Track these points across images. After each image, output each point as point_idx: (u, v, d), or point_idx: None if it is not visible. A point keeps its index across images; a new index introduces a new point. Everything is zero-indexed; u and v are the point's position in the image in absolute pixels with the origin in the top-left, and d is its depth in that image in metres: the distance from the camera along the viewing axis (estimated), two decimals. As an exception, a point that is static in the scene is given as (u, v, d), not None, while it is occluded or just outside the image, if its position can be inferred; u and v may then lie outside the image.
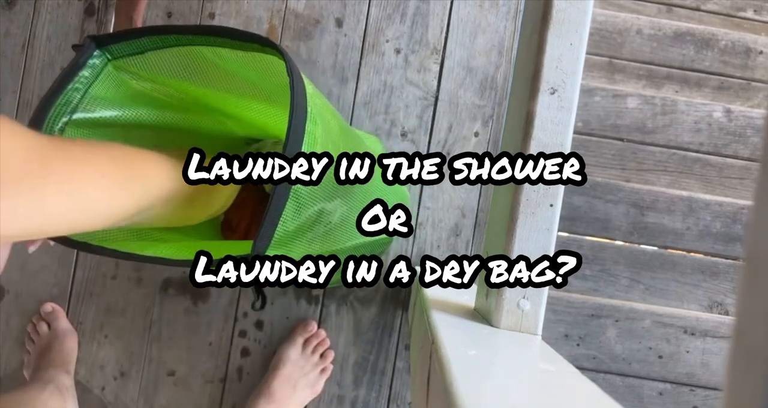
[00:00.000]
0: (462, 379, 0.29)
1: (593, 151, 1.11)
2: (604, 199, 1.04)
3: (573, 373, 0.35)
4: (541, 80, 0.43)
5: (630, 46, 1.23)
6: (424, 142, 0.88)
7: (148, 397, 0.86)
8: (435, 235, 0.88)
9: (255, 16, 0.88)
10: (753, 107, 1.21)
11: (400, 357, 0.88)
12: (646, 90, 1.22)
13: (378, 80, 0.88)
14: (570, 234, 1.04)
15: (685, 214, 1.05)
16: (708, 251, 1.05)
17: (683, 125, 1.12)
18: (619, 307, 0.99)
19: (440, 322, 0.44)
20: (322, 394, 0.86)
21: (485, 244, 0.52)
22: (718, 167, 1.12)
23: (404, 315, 0.88)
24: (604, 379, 0.97)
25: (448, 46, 0.89)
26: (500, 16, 0.89)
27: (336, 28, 0.88)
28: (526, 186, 0.43)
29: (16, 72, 0.86)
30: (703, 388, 0.98)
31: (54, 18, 0.87)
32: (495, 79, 0.89)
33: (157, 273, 0.87)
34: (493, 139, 0.89)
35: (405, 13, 0.89)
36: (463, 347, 0.36)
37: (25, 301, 0.86)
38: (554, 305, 0.98)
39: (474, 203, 0.88)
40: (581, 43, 0.43)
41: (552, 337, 0.98)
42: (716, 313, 1.03)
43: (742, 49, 1.24)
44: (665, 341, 0.98)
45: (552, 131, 0.43)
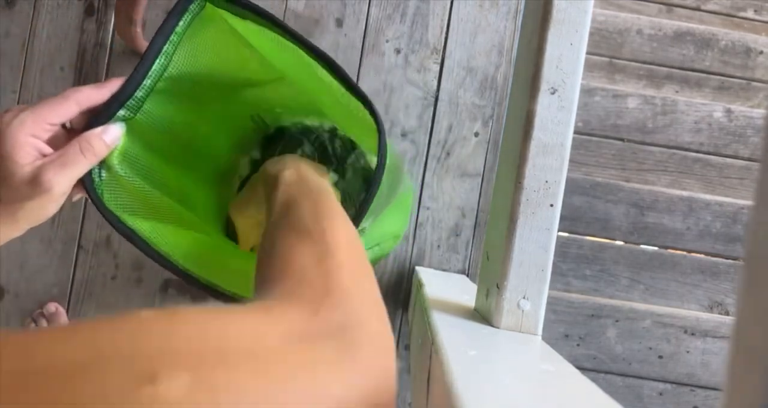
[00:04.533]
0: (462, 379, 0.29)
1: (593, 151, 1.11)
2: (604, 199, 1.04)
3: (573, 373, 0.35)
4: (541, 80, 0.43)
5: (630, 46, 1.23)
6: (424, 142, 0.88)
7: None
8: (435, 235, 0.88)
9: (255, 16, 0.88)
10: (753, 107, 1.21)
11: (400, 357, 0.88)
12: (646, 90, 1.22)
13: (378, 80, 0.88)
14: (570, 234, 1.04)
15: (685, 214, 1.05)
16: (708, 251, 1.05)
17: (683, 125, 1.12)
18: (619, 307, 0.99)
19: (440, 322, 0.44)
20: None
21: (485, 244, 0.52)
22: (718, 167, 1.12)
23: (404, 315, 0.88)
24: (605, 379, 0.97)
25: (448, 46, 0.89)
26: (500, 16, 0.89)
27: (336, 28, 0.88)
28: (526, 186, 0.43)
29: (16, 72, 0.86)
30: (703, 388, 0.98)
31: (54, 18, 0.87)
32: (495, 79, 0.89)
33: (157, 273, 0.87)
34: (493, 139, 0.89)
35: (405, 13, 0.89)
36: (463, 347, 0.36)
37: (25, 301, 0.86)
38: (554, 305, 0.98)
39: (474, 203, 0.88)
40: (581, 43, 0.43)
41: (552, 337, 0.98)
42: (716, 313, 1.03)
43: (742, 49, 1.24)
44: (665, 341, 0.98)
45: (552, 131, 0.43)
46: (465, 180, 0.88)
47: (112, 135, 0.36)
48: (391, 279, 0.88)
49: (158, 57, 0.38)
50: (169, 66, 0.40)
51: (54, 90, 0.86)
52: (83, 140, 0.34)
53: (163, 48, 0.39)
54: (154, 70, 0.38)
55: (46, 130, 0.33)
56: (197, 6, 0.40)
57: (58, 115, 0.33)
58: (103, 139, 0.35)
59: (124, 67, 0.87)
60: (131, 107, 0.38)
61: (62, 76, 0.87)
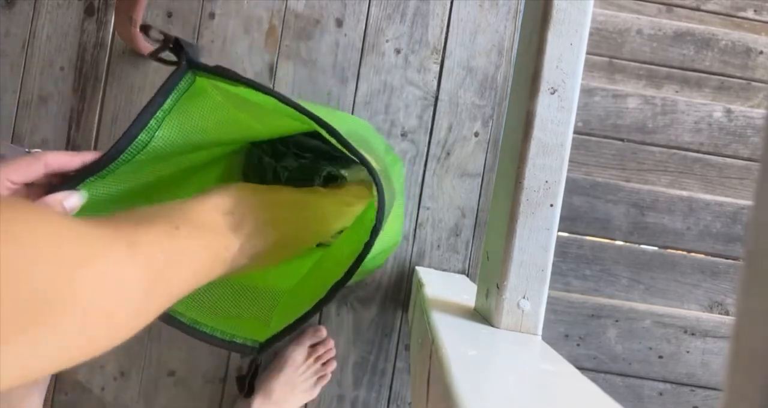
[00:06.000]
0: (462, 379, 0.29)
1: (593, 151, 1.11)
2: (604, 199, 1.04)
3: (573, 373, 0.35)
4: (541, 80, 0.43)
5: (630, 46, 1.23)
6: (424, 142, 0.88)
7: (148, 398, 0.86)
8: (435, 235, 0.88)
9: (255, 16, 0.87)
10: (753, 107, 1.21)
11: (400, 357, 0.88)
12: (646, 90, 1.22)
13: (378, 80, 0.88)
14: (570, 234, 1.04)
15: (685, 214, 1.05)
16: (708, 251, 1.05)
17: (683, 125, 1.12)
18: (619, 307, 0.99)
19: (440, 322, 0.44)
20: (322, 394, 0.86)
21: (485, 244, 0.52)
22: (718, 167, 1.12)
23: (404, 315, 0.88)
24: (605, 379, 0.97)
25: (448, 46, 0.89)
26: (500, 16, 0.89)
27: (336, 28, 0.88)
28: (526, 186, 0.43)
29: (16, 72, 0.86)
30: (704, 388, 0.98)
31: (54, 18, 0.87)
32: (495, 79, 0.89)
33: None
34: (493, 139, 0.89)
35: (405, 13, 0.89)
36: (463, 347, 0.36)
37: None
38: (554, 305, 0.98)
39: (474, 203, 0.88)
40: (581, 43, 0.43)
41: (552, 337, 0.98)
42: (716, 313, 1.03)
43: (742, 49, 1.24)
44: (665, 341, 0.98)
45: (552, 131, 0.43)
46: (465, 180, 0.88)
47: (73, 203, 0.37)
48: (391, 279, 0.88)
49: (140, 133, 0.39)
50: (152, 141, 0.40)
51: (54, 90, 0.86)
52: (42, 203, 0.35)
53: (148, 124, 0.39)
54: (133, 146, 0.39)
55: (7, 188, 0.35)
56: (186, 83, 0.40)
57: (21, 175, 0.35)
58: (63, 206, 0.36)
59: (124, 67, 0.87)
60: (101, 175, 0.38)
61: (62, 76, 0.87)
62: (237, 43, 0.87)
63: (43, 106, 0.86)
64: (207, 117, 0.44)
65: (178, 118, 0.41)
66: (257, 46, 0.88)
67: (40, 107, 0.86)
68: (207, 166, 0.56)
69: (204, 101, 0.43)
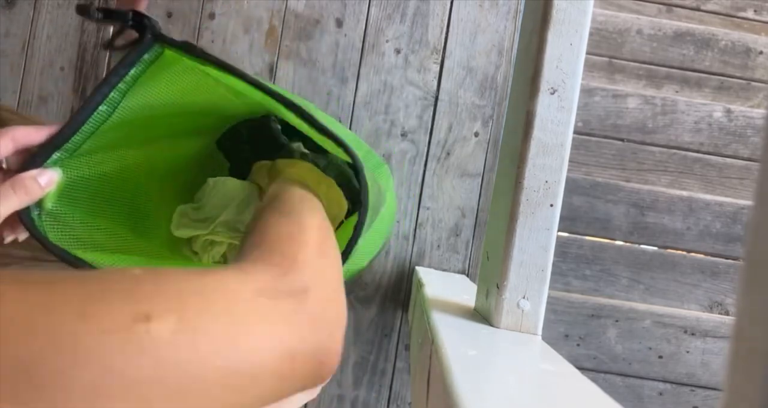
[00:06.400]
0: (462, 379, 0.29)
1: (593, 151, 1.11)
2: (604, 199, 1.04)
3: (573, 373, 0.35)
4: (541, 80, 0.43)
5: (630, 46, 1.23)
6: (424, 142, 0.88)
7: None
8: (435, 235, 0.88)
9: (255, 16, 0.88)
10: (753, 107, 1.21)
11: (400, 357, 0.88)
12: (646, 90, 1.22)
13: (378, 80, 0.88)
14: (570, 234, 1.04)
15: (685, 214, 1.05)
16: (708, 251, 1.05)
17: (683, 125, 1.12)
18: (619, 307, 0.99)
19: (440, 322, 0.44)
20: (322, 394, 0.86)
21: (485, 244, 0.52)
22: (718, 167, 1.12)
23: (404, 315, 0.88)
24: (604, 379, 0.97)
25: (448, 46, 0.89)
26: (500, 16, 0.89)
27: (336, 28, 0.88)
28: (526, 186, 0.43)
29: (16, 72, 0.86)
30: (703, 388, 0.98)
31: (54, 18, 0.87)
32: (495, 79, 0.89)
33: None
34: (493, 139, 0.89)
35: (405, 13, 0.89)
36: (463, 347, 0.36)
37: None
38: (554, 305, 0.98)
39: (474, 203, 0.88)
40: (581, 43, 0.43)
41: (552, 337, 0.98)
42: (716, 313, 1.03)
43: (742, 49, 1.24)
44: (665, 341, 0.98)
45: (552, 131, 0.43)
46: (465, 180, 0.88)
47: (47, 178, 0.36)
48: (391, 279, 0.88)
49: (101, 105, 0.38)
50: (115, 112, 0.39)
51: (54, 90, 0.87)
52: (17, 180, 0.34)
53: (109, 95, 0.38)
54: (95, 117, 0.38)
55: None
56: (153, 55, 0.39)
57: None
58: (37, 182, 0.35)
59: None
60: (68, 149, 0.38)
61: (62, 76, 0.87)
62: (237, 43, 0.87)
63: (44, 106, 0.86)
64: (175, 81, 0.43)
65: (145, 87, 0.41)
66: (257, 46, 0.88)
67: (41, 107, 0.86)
68: (184, 143, 0.55)
69: (175, 66, 0.42)
